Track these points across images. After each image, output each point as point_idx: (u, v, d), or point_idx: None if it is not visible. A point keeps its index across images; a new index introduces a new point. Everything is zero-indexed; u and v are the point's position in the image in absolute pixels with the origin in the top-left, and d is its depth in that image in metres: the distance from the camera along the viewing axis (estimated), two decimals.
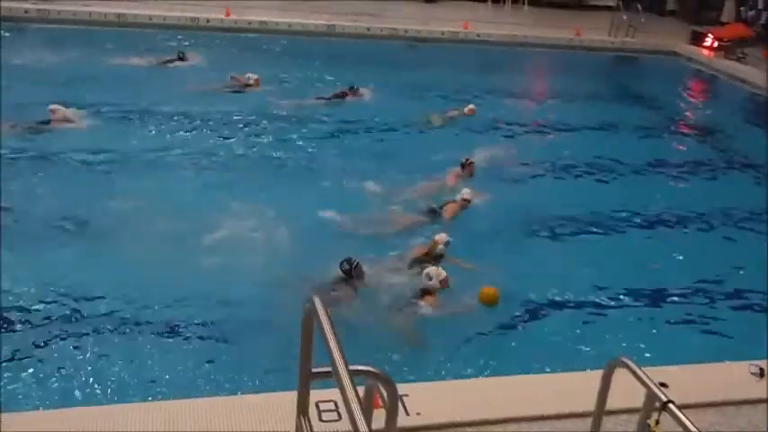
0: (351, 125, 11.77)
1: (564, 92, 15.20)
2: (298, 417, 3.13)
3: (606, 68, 18.55)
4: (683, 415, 3.20)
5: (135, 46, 14.71)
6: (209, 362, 5.78)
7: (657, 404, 3.37)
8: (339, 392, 2.43)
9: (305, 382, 2.93)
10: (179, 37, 15.88)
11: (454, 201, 8.88)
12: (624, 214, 9.38)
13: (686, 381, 5.07)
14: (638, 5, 18.94)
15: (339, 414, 4.26)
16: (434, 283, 6.81)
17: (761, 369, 5.33)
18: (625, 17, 19.10)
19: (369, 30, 17.57)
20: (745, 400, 5.08)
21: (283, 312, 5.81)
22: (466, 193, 8.92)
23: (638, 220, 9.32)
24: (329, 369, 2.55)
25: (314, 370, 2.91)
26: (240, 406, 4.45)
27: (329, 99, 12.63)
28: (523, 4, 22.05)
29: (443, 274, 6.85)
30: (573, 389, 4.85)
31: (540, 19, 20.87)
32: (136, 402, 4.80)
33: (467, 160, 9.94)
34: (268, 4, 18.75)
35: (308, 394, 3.01)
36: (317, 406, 4.28)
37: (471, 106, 12.50)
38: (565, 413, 4.68)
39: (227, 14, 16.79)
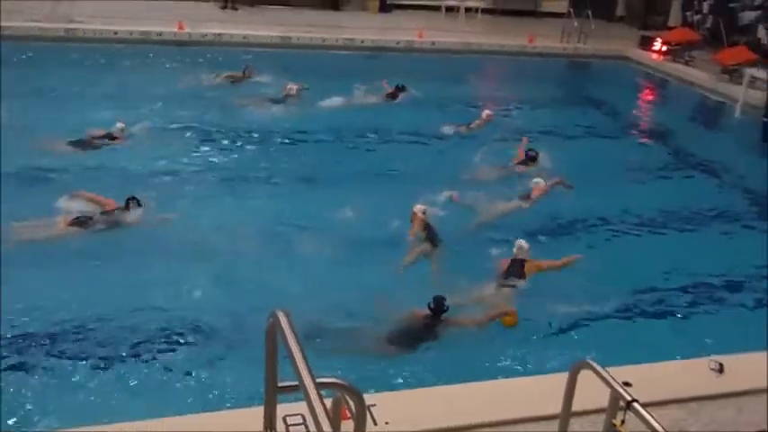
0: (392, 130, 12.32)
1: (519, 97, 15.33)
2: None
3: (560, 74, 18.83)
4: (648, 413, 3.25)
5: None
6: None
7: (622, 403, 3.42)
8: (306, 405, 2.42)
9: (271, 397, 2.91)
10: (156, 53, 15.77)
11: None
12: (579, 217, 9.51)
13: (649, 379, 5.13)
14: (589, 12, 19.28)
15: (307, 427, 4.23)
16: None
17: (720, 364, 5.44)
18: (576, 24, 19.42)
19: (324, 41, 17.57)
20: (707, 396, 5.18)
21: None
22: (539, 181, 9.71)
23: (591, 223, 9.45)
24: (296, 383, 2.54)
25: (280, 384, 2.89)
26: (207, 423, 4.39)
27: (386, 96, 13.52)
28: (477, 12, 22.27)
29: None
30: (540, 392, 4.90)
31: (493, 27, 21.11)
32: (101, 424, 4.69)
33: (531, 150, 10.85)
34: (221, 17, 18.66)
35: (275, 409, 2.99)
36: (284, 420, 4.24)
37: (488, 112, 12.86)
38: (533, 416, 4.71)
39: (181, 28, 16.62)
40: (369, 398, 4.43)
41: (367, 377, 5.70)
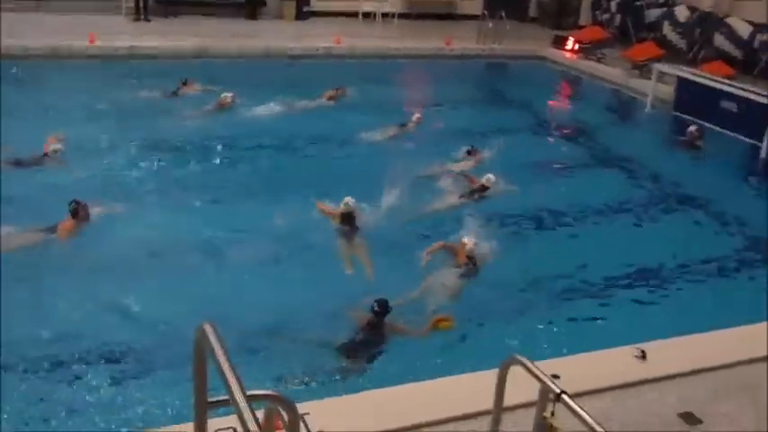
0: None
1: (441, 99, 15.50)
2: None
3: (478, 75, 19.13)
4: (576, 404, 3.33)
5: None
6: None
7: (551, 396, 3.49)
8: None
9: (201, 413, 2.85)
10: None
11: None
12: (501, 212, 9.68)
13: (577, 370, 5.28)
14: (502, 14, 19.68)
15: None
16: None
17: (642, 351, 5.64)
18: (491, 25, 19.78)
19: (241, 50, 17.36)
20: (633, 383, 5.36)
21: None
22: (489, 178, 10.21)
23: (510, 218, 9.66)
24: (226, 397, 2.50)
25: (211, 399, 2.84)
26: None
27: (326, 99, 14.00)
28: (393, 17, 22.44)
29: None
30: (472, 389, 4.95)
31: (410, 31, 21.29)
32: None
33: (472, 147, 11.46)
34: (132, 29, 18.24)
35: (206, 425, 2.92)
36: None
37: (417, 115, 13.09)
38: (466, 414, 4.77)
39: (91, 41, 16.14)
40: (302, 406, 4.39)
41: (313, 385, 5.80)
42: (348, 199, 8.73)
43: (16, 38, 15.67)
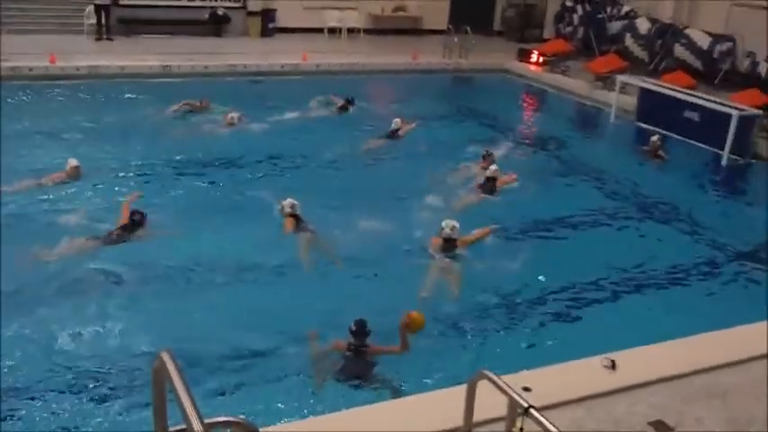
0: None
1: (407, 113, 15.47)
2: None
3: (444, 89, 19.22)
4: (543, 417, 3.31)
5: None
6: None
7: (520, 410, 3.47)
8: None
9: None
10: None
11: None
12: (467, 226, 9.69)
13: (549, 382, 5.27)
14: (467, 28, 19.83)
15: None
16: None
17: (612, 361, 5.65)
18: (456, 39, 19.92)
19: (207, 68, 17.29)
20: (603, 393, 5.35)
21: None
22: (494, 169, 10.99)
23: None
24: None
25: (171, 429, 2.77)
26: None
27: (338, 110, 14.91)
28: (359, 32, 22.51)
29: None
30: (442, 406, 4.89)
31: (376, 46, 21.37)
32: None
33: (487, 152, 11.89)
34: (95, 48, 18.08)
35: None
36: None
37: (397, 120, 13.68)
38: (437, 431, 4.71)
39: (53, 61, 15.94)
40: (267, 430, 4.34)
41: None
42: (288, 201, 9.03)
43: None
